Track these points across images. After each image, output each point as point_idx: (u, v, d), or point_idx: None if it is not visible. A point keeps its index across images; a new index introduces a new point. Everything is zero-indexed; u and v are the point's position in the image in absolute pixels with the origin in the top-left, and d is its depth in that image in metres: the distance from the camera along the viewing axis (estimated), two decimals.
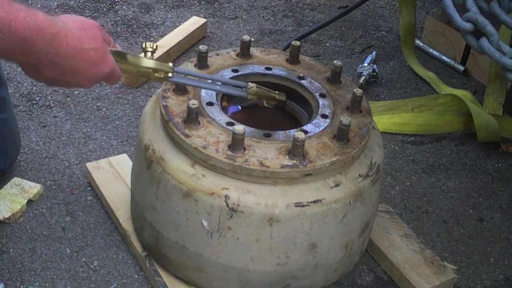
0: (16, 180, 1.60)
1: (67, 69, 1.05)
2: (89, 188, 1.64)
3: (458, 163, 1.91)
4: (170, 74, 1.23)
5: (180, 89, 1.33)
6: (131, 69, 1.18)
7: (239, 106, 1.48)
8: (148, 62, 1.20)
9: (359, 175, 1.28)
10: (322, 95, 1.40)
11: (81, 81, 1.09)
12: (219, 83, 1.35)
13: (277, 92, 1.40)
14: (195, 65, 1.43)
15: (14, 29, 0.95)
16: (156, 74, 1.21)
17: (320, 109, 1.36)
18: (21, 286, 1.37)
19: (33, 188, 1.58)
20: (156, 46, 1.24)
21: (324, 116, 1.34)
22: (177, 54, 2.25)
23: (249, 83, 1.35)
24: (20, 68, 2.06)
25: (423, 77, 2.28)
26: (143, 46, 1.22)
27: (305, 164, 1.20)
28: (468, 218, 1.70)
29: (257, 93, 1.36)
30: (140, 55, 1.23)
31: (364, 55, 2.39)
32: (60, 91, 2.01)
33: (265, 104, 1.42)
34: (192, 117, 1.24)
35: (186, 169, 1.23)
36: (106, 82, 1.15)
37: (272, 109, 1.46)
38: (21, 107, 1.92)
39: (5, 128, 1.55)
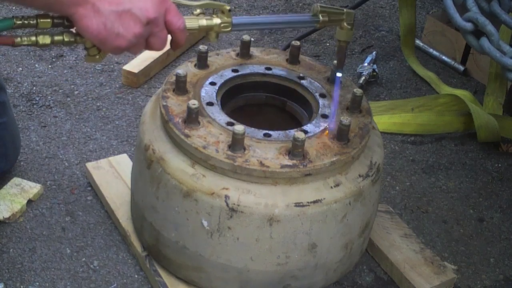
0: (16, 180, 1.60)
1: None
2: (89, 188, 1.64)
3: (458, 163, 1.91)
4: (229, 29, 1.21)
5: (180, 89, 1.33)
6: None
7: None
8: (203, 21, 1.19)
9: (359, 175, 1.28)
10: (322, 95, 1.40)
11: (142, 3, 1.03)
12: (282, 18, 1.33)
13: (343, 9, 1.29)
14: (195, 65, 1.43)
15: None
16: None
17: (320, 109, 1.36)
18: (21, 286, 1.37)
19: (33, 188, 1.58)
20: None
21: (324, 116, 1.34)
22: (177, 54, 2.25)
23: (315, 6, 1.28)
24: (20, 68, 2.08)
25: (423, 77, 2.28)
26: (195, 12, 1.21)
27: (305, 164, 1.20)
28: (468, 218, 1.70)
29: (322, 12, 1.27)
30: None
31: (364, 55, 2.39)
32: (60, 91, 2.01)
33: (340, 38, 1.31)
34: (192, 117, 1.24)
35: (186, 169, 1.23)
36: (168, 15, 1.08)
37: (272, 109, 1.46)
38: (21, 107, 1.92)
39: (5, 132, 1.55)
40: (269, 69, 1.47)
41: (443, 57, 2.40)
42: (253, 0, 2.74)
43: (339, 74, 1.36)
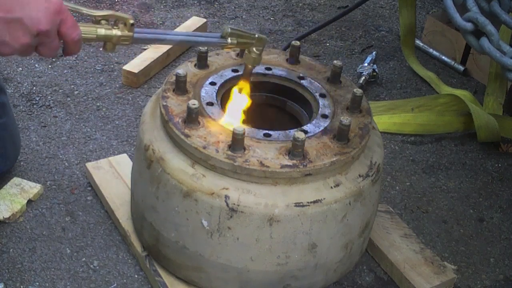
0: (16, 180, 1.60)
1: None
2: (89, 188, 1.64)
3: (458, 163, 1.91)
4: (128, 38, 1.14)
5: (180, 89, 1.33)
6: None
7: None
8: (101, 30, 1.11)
9: (359, 175, 1.28)
10: (322, 95, 1.40)
11: (34, 13, 0.96)
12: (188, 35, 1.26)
13: (255, 34, 1.31)
14: (195, 65, 1.43)
15: None
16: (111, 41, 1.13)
17: (320, 109, 1.36)
18: (21, 286, 1.37)
19: (33, 188, 1.58)
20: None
21: (324, 116, 1.34)
22: (177, 54, 2.25)
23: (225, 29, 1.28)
24: (20, 68, 2.08)
25: (423, 77, 2.28)
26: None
27: (305, 164, 1.20)
28: (468, 218, 1.70)
29: (231, 34, 1.27)
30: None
31: (364, 55, 2.39)
32: (60, 91, 2.01)
33: (247, 62, 1.33)
34: (192, 117, 1.24)
35: (186, 169, 1.23)
36: (62, 27, 1.02)
37: (272, 109, 1.46)
38: (21, 107, 1.92)
39: (5, 132, 1.55)
40: (269, 69, 1.47)
41: (443, 57, 2.40)
42: (253, 0, 2.75)
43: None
